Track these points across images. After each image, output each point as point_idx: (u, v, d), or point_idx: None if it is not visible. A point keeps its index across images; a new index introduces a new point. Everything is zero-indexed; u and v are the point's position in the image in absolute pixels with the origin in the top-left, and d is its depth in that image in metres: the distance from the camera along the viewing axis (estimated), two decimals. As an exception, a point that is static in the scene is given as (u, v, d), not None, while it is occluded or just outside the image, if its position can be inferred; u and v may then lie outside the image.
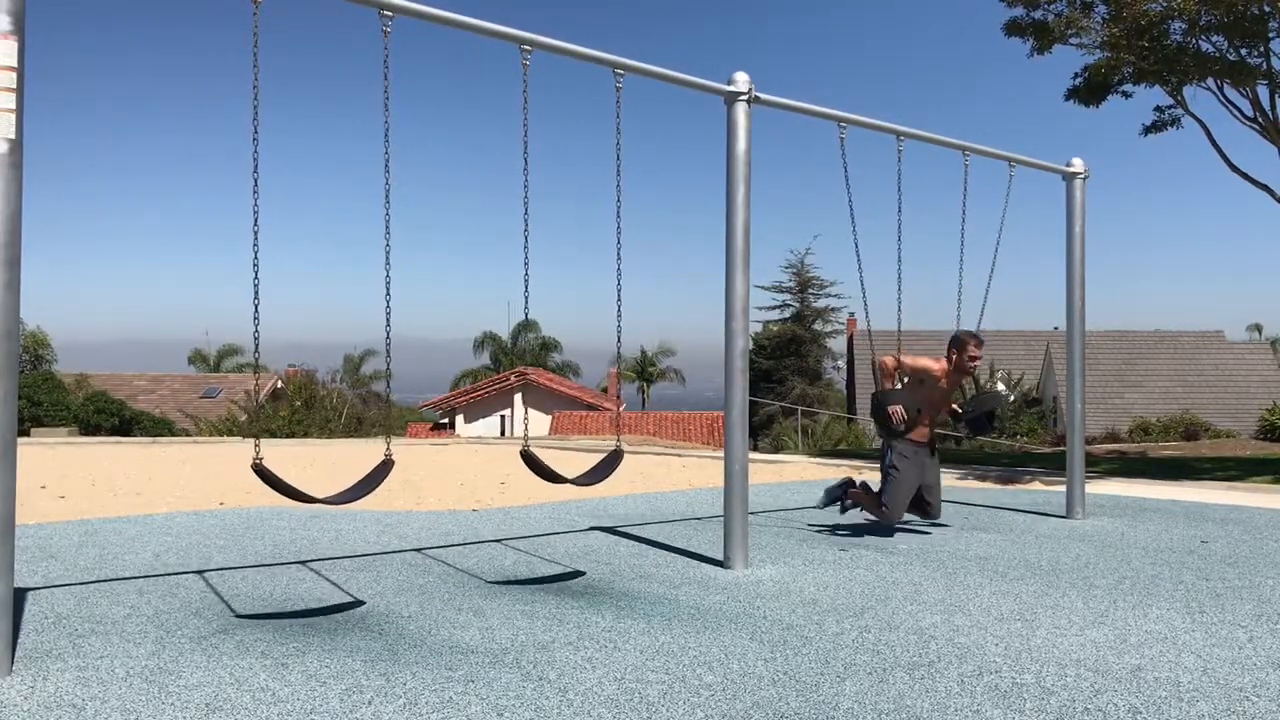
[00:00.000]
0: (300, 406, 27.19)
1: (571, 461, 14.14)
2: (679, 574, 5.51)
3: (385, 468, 4.44)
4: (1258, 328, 64.74)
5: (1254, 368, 37.01)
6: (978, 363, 6.89)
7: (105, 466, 12.46)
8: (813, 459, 16.22)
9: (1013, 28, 13.82)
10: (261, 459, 4.11)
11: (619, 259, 5.36)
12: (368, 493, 4.36)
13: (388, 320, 4.62)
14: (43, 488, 9.61)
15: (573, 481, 5.01)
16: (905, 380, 6.91)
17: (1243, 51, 12.92)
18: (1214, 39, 12.92)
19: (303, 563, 5.69)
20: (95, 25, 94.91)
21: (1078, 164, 7.98)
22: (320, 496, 4.31)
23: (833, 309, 44.63)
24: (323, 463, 13.21)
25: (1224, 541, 6.87)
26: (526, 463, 4.88)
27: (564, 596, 4.87)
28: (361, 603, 4.70)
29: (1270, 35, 12.59)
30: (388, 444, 4.76)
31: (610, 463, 5.21)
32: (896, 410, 6.50)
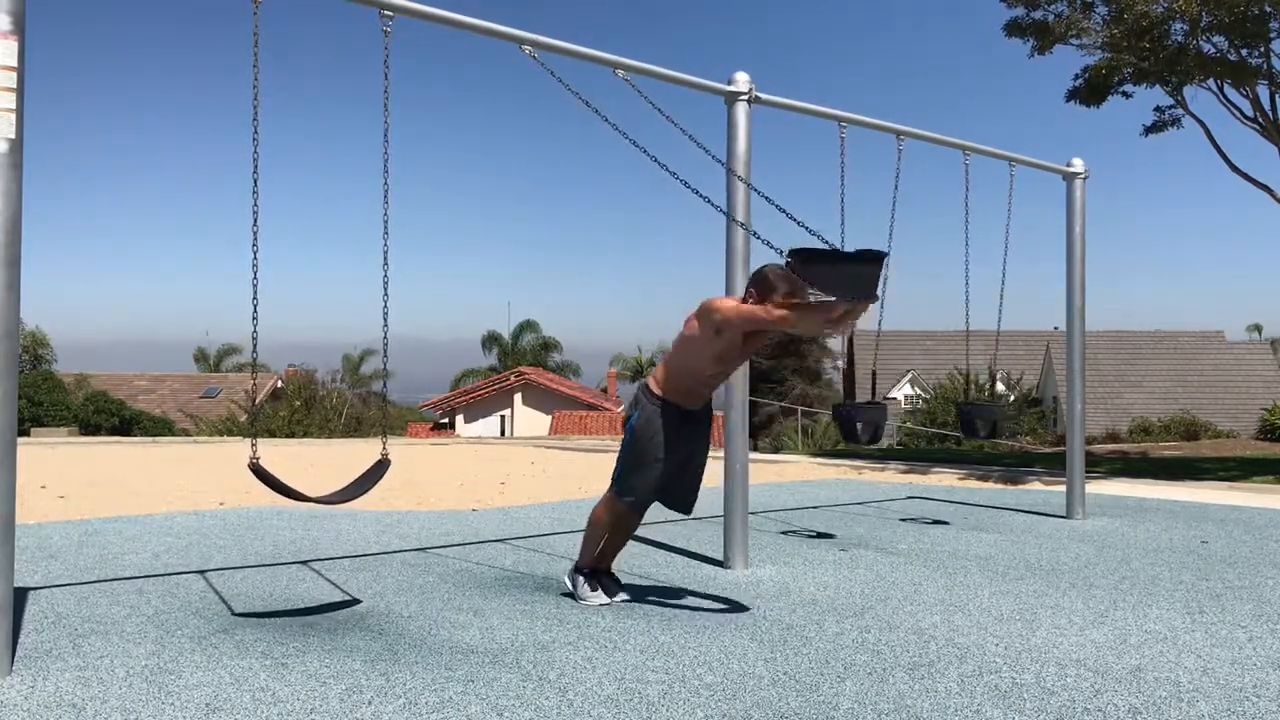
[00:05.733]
0: (300, 406, 27.19)
1: (572, 462, 14.16)
2: (679, 574, 5.51)
3: (381, 467, 4.43)
4: (1258, 328, 64.81)
5: (1254, 368, 37.05)
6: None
7: (105, 466, 12.46)
8: (813, 459, 16.22)
9: (1013, 28, 13.83)
10: (258, 458, 4.10)
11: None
12: (364, 492, 4.35)
13: (385, 320, 4.62)
14: (43, 488, 9.61)
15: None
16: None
17: (1243, 52, 12.93)
18: (1215, 39, 12.92)
19: (303, 563, 5.69)
20: (94, 23, 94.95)
21: (1078, 164, 7.98)
22: (316, 496, 4.30)
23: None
24: (322, 463, 13.22)
25: (1224, 541, 6.87)
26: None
27: (564, 597, 4.86)
28: (361, 603, 4.70)
29: (1271, 36, 12.60)
30: (384, 443, 4.76)
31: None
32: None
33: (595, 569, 4.79)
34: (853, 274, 4.14)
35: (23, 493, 7.97)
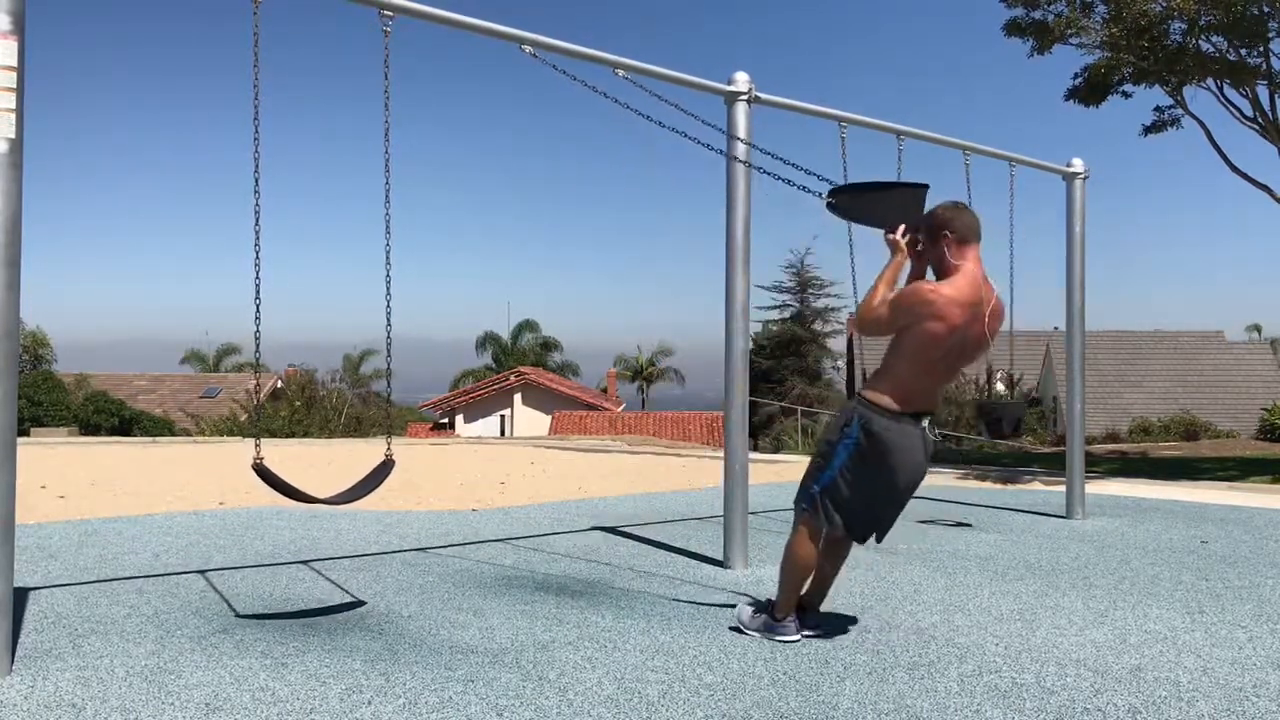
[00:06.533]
0: (300, 406, 27.17)
1: (572, 462, 14.16)
2: (679, 574, 5.51)
3: (386, 468, 4.44)
4: (1257, 328, 64.71)
5: (1254, 368, 37.01)
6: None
7: (105, 466, 12.46)
8: (813, 459, 16.20)
9: (1013, 28, 13.82)
10: (262, 458, 4.10)
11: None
12: (368, 492, 4.35)
13: (388, 320, 4.61)
14: (43, 488, 9.61)
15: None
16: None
17: (1242, 52, 12.93)
18: (1214, 39, 12.92)
19: (303, 563, 5.69)
20: (93, 22, 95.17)
21: (1078, 164, 7.98)
22: (321, 496, 4.30)
23: (833, 309, 44.65)
24: (322, 463, 13.21)
25: (1224, 541, 6.87)
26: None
27: (564, 596, 4.86)
28: (361, 603, 4.70)
29: (1270, 35, 12.59)
30: (388, 444, 4.76)
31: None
32: None
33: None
34: (888, 200, 4.15)
35: (23, 493, 7.96)
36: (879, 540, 4.12)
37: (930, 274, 4.03)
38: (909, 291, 3.86)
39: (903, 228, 4.07)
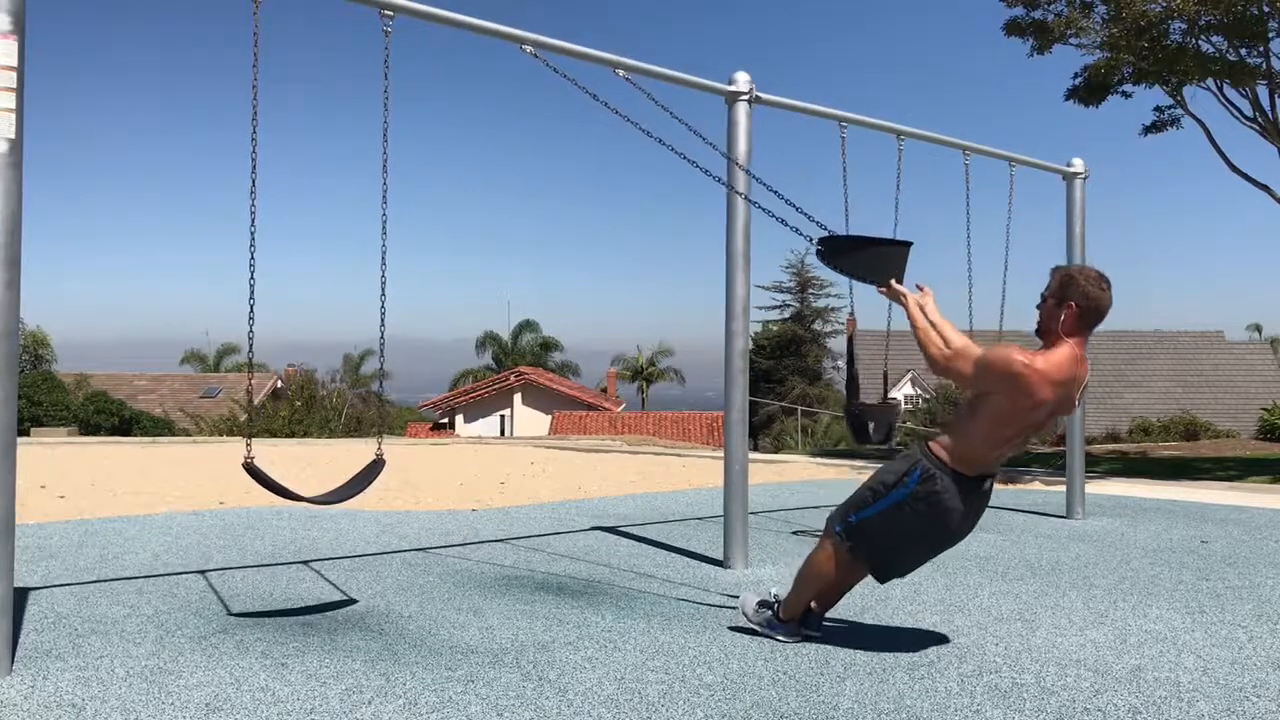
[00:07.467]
0: (300, 406, 27.16)
1: (572, 462, 14.16)
2: (679, 574, 5.51)
3: (376, 468, 4.43)
4: (1258, 328, 64.73)
5: (1254, 368, 37.04)
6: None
7: (105, 466, 12.46)
8: (813, 459, 16.23)
9: (1013, 28, 13.84)
10: (252, 457, 4.10)
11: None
12: (357, 493, 4.35)
13: (383, 320, 4.61)
14: (43, 488, 9.61)
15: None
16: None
17: (1242, 51, 12.94)
18: (1213, 39, 12.93)
19: (303, 563, 5.69)
20: (94, 22, 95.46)
21: (1078, 164, 7.98)
22: (309, 496, 4.30)
23: (833, 309, 44.66)
24: (321, 462, 13.21)
25: (1224, 541, 6.87)
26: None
27: (564, 596, 4.87)
28: (361, 603, 4.70)
29: (1270, 35, 12.61)
30: (379, 443, 4.75)
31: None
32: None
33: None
34: (878, 256, 4.18)
35: (23, 493, 7.96)
36: (900, 577, 4.11)
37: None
38: (1002, 359, 3.59)
39: (893, 281, 4.09)
